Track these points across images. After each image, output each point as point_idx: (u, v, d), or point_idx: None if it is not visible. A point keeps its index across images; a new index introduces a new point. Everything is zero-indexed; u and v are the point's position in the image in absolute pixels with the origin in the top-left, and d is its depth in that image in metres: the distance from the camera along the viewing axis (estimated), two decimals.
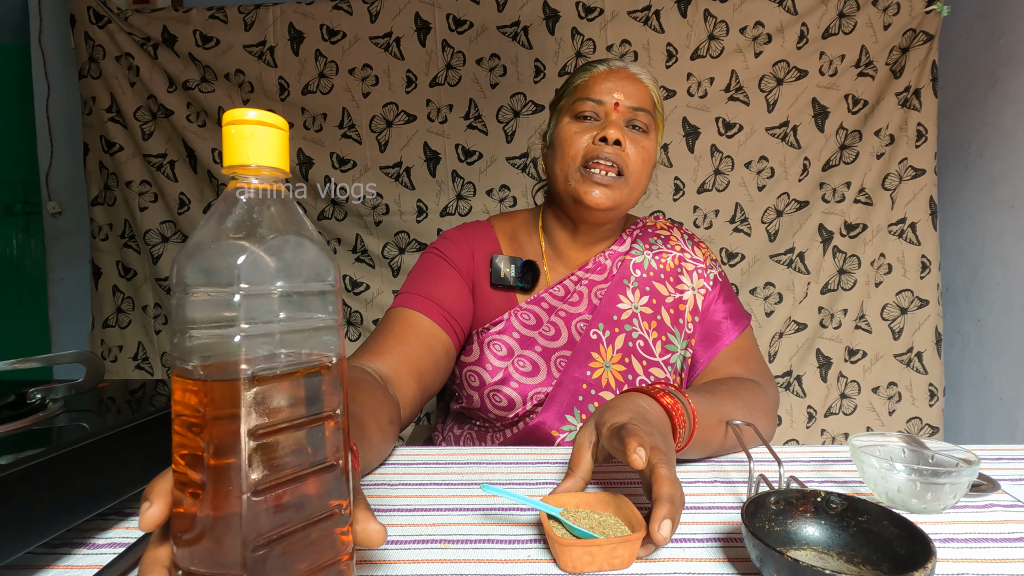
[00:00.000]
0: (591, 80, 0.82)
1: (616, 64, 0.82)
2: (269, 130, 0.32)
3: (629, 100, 0.79)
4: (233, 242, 0.31)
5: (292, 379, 0.32)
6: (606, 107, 0.79)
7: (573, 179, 0.79)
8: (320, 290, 0.33)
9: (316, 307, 0.33)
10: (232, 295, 0.30)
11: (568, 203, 0.82)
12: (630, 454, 0.46)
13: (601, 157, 0.77)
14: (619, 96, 0.79)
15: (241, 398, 0.30)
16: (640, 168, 0.80)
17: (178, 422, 0.31)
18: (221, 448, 0.30)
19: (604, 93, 0.80)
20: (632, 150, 0.79)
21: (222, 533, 0.30)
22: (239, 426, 0.30)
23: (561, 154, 0.81)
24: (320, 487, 0.33)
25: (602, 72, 0.82)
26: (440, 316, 0.79)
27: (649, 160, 0.81)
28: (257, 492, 0.30)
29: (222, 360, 0.30)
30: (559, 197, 0.84)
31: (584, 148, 0.79)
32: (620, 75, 0.81)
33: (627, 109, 0.79)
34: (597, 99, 0.80)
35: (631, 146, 0.79)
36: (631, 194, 0.80)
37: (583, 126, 0.80)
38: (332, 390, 0.34)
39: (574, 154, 0.79)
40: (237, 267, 0.30)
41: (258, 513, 0.30)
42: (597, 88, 0.80)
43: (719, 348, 0.84)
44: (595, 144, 0.78)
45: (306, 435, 0.33)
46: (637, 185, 0.80)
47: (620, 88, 0.80)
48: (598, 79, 0.81)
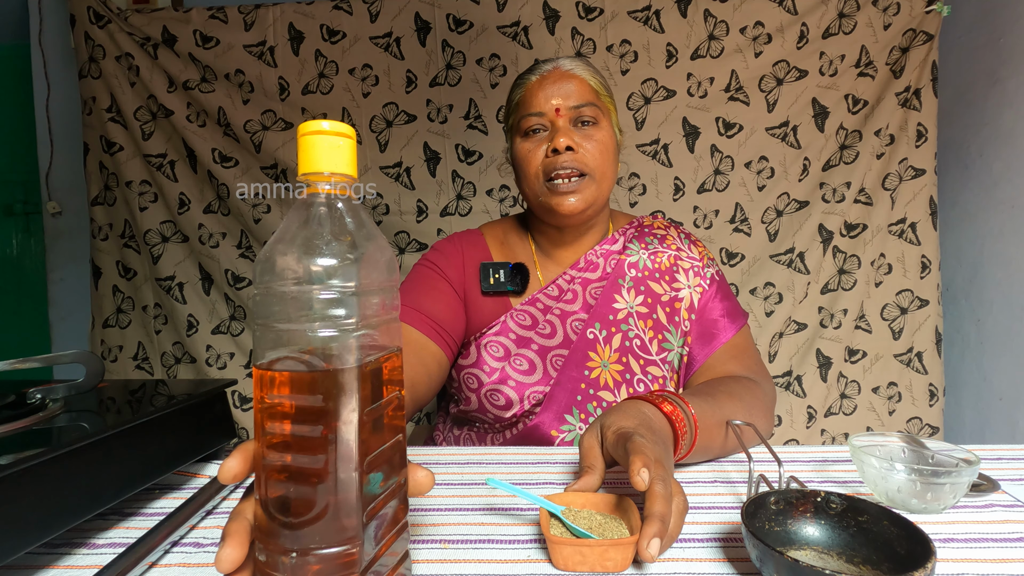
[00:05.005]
0: (527, 94, 0.82)
1: (547, 68, 0.83)
2: (342, 140, 0.35)
3: (569, 100, 0.80)
4: (339, 243, 0.34)
5: (385, 363, 0.37)
6: (548, 116, 0.80)
7: (542, 194, 0.81)
8: (393, 285, 0.38)
9: (391, 300, 0.37)
10: (349, 292, 0.33)
11: (544, 215, 0.84)
12: (633, 476, 0.45)
13: (559, 167, 0.78)
14: (557, 101, 0.80)
15: (359, 383, 0.33)
16: (601, 161, 0.80)
17: (277, 415, 0.33)
18: (342, 430, 0.33)
19: (542, 103, 0.80)
20: (587, 147, 0.79)
21: (340, 508, 0.33)
22: (358, 408, 0.33)
23: (523, 173, 0.82)
24: (396, 455, 0.38)
25: (535, 81, 0.82)
26: (430, 328, 0.79)
27: (607, 150, 0.81)
28: (368, 466, 0.34)
29: (340, 351, 0.33)
30: (535, 210, 0.85)
31: (542, 163, 0.80)
32: (554, 77, 0.81)
33: (569, 110, 0.80)
34: (537, 112, 0.80)
35: (585, 143, 0.79)
36: (600, 188, 0.81)
37: (534, 141, 0.81)
38: (400, 370, 0.39)
39: (535, 171, 0.81)
40: (356, 266, 0.34)
41: (368, 484, 0.34)
42: (534, 100, 0.81)
43: (716, 346, 0.84)
44: (549, 157, 0.79)
45: (392, 410, 0.37)
46: (604, 177, 0.81)
47: (557, 92, 0.80)
48: (533, 90, 0.81)
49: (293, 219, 0.35)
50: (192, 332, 1.86)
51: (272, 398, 0.33)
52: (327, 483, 0.32)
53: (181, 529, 0.48)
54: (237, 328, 1.87)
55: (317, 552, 0.32)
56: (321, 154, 0.35)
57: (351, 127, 0.36)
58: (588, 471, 0.52)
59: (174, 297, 1.85)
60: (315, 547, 0.32)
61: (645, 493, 0.45)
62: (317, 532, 0.32)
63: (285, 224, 0.35)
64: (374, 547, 0.35)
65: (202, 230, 1.83)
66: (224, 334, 1.87)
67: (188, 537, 0.49)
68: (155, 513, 0.53)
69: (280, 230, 0.35)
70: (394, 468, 0.38)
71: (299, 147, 0.35)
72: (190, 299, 1.86)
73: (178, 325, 1.87)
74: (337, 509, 0.33)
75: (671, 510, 0.44)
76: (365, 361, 0.34)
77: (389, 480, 0.37)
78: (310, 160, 0.35)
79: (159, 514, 0.52)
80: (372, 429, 0.35)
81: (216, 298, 1.87)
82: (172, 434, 0.56)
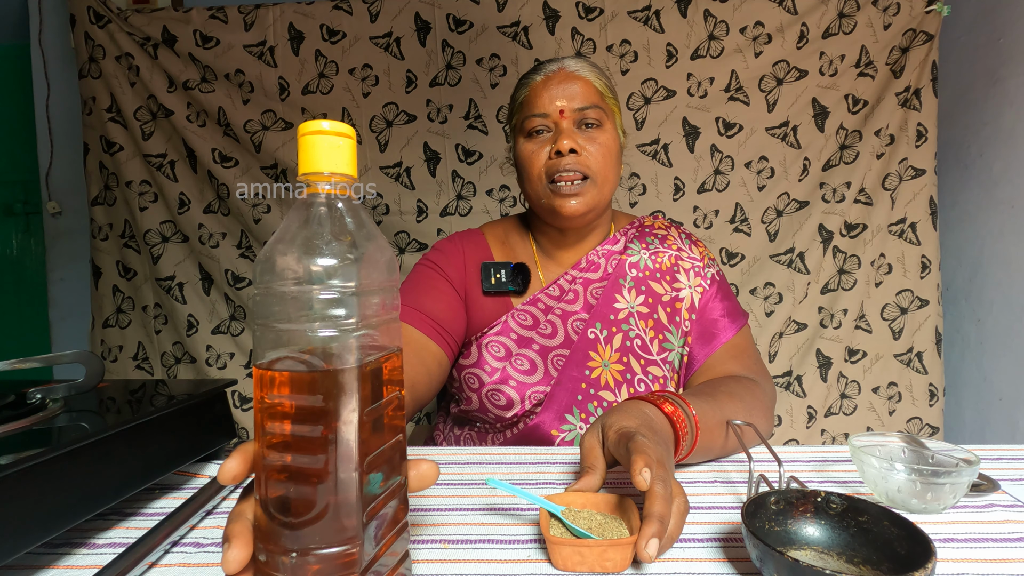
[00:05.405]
0: (531, 94, 0.82)
1: (551, 69, 0.82)
2: (342, 140, 0.35)
3: (573, 102, 0.79)
4: (339, 243, 0.34)
5: (385, 363, 0.37)
6: (552, 117, 0.80)
7: (544, 196, 0.81)
8: (393, 285, 0.38)
9: (390, 300, 0.38)
10: (349, 292, 0.33)
11: (546, 216, 0.84)
12: (635, 475, 0.45)
13: (562, 170, 0.78)
14: (562, 102, 0.79)
15: (359, 383, 0.33)
16: (603, 164, 0.80)
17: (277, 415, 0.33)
18: (342, 430, 0.33)
19: (547, 104, 0.80)
20: (590, 149, 0.79)
21: (340, 508, 0.33)
22: (358, 408, 0.33)
23: (526, 174, 0.82)
24: (396, 455, 0.38)
25: (540, 82, 0.82)
26: (431, 328, 0.79)
27: (610, 152, 0.81)
28: (368, 466, 0.34)
29: (340, 351, 0.33)
30: (537, 211, 0.85)
31: (544, 164, 0.80)
32: (559, 78, 0.81)
33: (574, 112, 0.79)
34: (542, 112, 0.80)
35: (588, 145, 0.79)
36: (602, 191, 0.81)
37: (538, 142, 0.81)
38: (400, 370, 0.39)
39: (537, 173, 0.81)
40: (356, 266, 0.34)
41: (368, 484, 0.34)
42: (539, 101, 0.80)
43: (716, 346, 0.84)
44: (552, 159, 0.79)
45: (392, 410, 0.37)
46: (606, 181, 0.81)
47: (562, 93, 0.80)
48: (538, 90, 0.81)
49: (293, 219, 0.35)
50: (192, 332, 1.86)
51: (272, 398, 0.33)
52: (327, 483, 0.32)
53: (181, 529, 0.48)
54: (237, 328, 1.87)
55: (317, 552, 0.32)
56: (321, 154, 0.35)
57: (351, 127, 0.36)
58: (589, 471, 0.52)
59: (174, 297, 1.85)
60: (315, 547, 0.32)
61: (646, 493, 0.45)
62: (317, 532, 0.32)
63: (285, 224, 0.35)
64: (374, 547, 0.35)
65: (202, 230, 1.83)
66: (224, 334, 1.87)
67: (188, 537, 0.49)
68: (155, 513, 0.53)
69: (280, 230, 0.35)
70: (394, 468, 0.38)
71: (299, 147, 0.35)
72: (190, 299, 1.86)
73: (178, 325, 1.87)
74: (337, 509, 0.33)
75: (671, 511, 0.44)
76: (365, 361, 0.34)
77: (389, 480, 0.37)
78: (310, 160, 0.35)
79: (159, 514, 0.52)
80: (372, 429, 0.35)
81: (216, 298, 1.87)
82: (172, 434, 0.56)
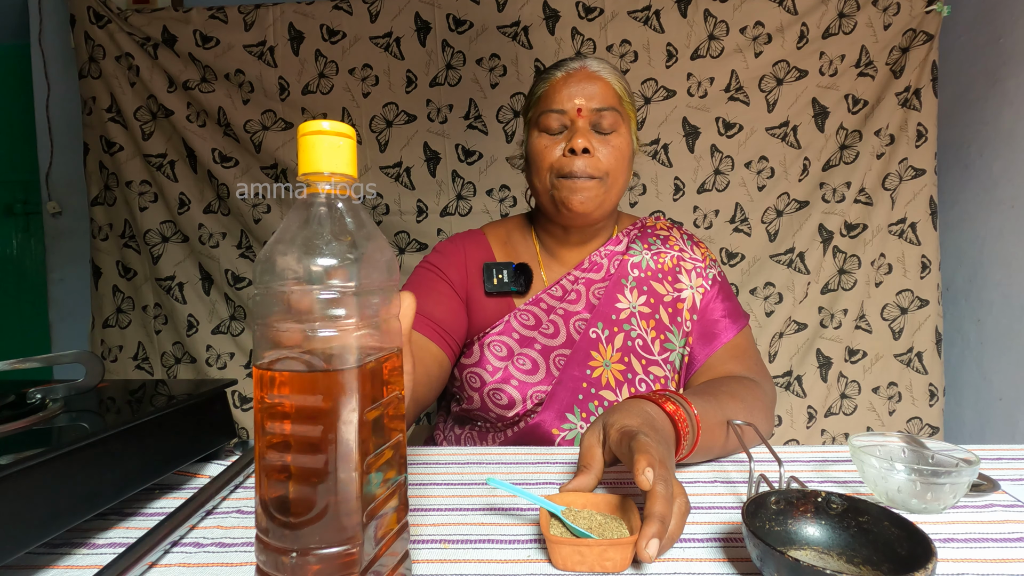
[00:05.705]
0: (551, 89, 0.81)
1: (573, 66, 0.82)
2: (342, 140, 0.35)
3: (591, 102, 0.79)
4: (339, 243, 0.34)
5: (385, 363, 0.36)
6: (569, 115, 0.79)
7: (552, 188, 0.81)
8: (393, 285, 0.38)
9: (391, 301, 0.37)
10: (349, 292, 0.33)
11: (553, 211, 0.83)
12: (638, 475, 0.45)
13: (574, 168, 0.78)
14: (580, 101, 0.79)
15: (359, 383, 0.33)
16: (615, 167, 0.80)
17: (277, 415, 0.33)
18: (342, 430, 0.33)
19: (565, 101, 0.79)
20: (603, 151, 0.79)
21: (340, 508, 0.33)
22: (359, 408, 0.33)
23: (536, 168, 0.82)
24: (396, 455, 0.38)
25: (560, 78, 0.81)
26: (432, 330, 0.79)
27: (623, 156, 0.81)
28: (368, 466, 0.34)
29: (340, 351, 0.33)
30: (544, 206, 0.85)
31: (556, 160, 0.80)
32: (579, 77, 0.80)
33: (591, 112, 0.79)
34: (559, 109, 0.79)
35: (601, 147, 0.79)
36: (610, 193, 0.81)
37: (552, 138, 0.80)
38: (400, 370, 0.39)
39: (548, 167, 0.80)
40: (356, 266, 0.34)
41: (368, 484, 0.34)
42: (557, 97, 0.80)
43: (717, 346, 0.84)
44: (566, 156, 0.79)
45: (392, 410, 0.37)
46: (615, 184, 0.81)
47: (581, 91, 0.79)
48: (557, 87, 0.81)
49: (293, 219, 0.35)
50: (192, 332, 1.86)
51: (272, 398, 0.33)
52: (327, 483, 0.32)
53: (181, 529, 0.48)
54: (237, 328, 1.87)
55: (317, 552, 0.32)
56: (321, 154, 0.35)
57: (351, 127, 0.36)
58: (584, 470, 0.52)
59: (174, 297, 1.86)
60: (315, 547, 0.32)
61: (647, 493, 0.45)
62: (317, 532, 0.32)
63: (285, 224, 0.35)
64: (374, 547, 0.35)
65: (202, 230, 1.83)
66: (224, 334, 1.87)
67: (188, 537, 0.49)
68: (155, 513, 0.53)
69: (280, 230, 0.35)
70: (394, 468, 0.38)
71: (299, 147, 0.35)
72: (190, 299, 1.86)
73: (178, 325, 1.87)
74: (337, 509, 0.33)
75: (672, 511, 0.44)
76: (365, 361, 0.34)
77: (389, 480, 0.37)
78: (310, 160, 0.35)
79: (159, 514, 0.52)
80: (372, 429, 0.35)
81: (216, 298, 1.87)
82: (172, 434, 0.56)
